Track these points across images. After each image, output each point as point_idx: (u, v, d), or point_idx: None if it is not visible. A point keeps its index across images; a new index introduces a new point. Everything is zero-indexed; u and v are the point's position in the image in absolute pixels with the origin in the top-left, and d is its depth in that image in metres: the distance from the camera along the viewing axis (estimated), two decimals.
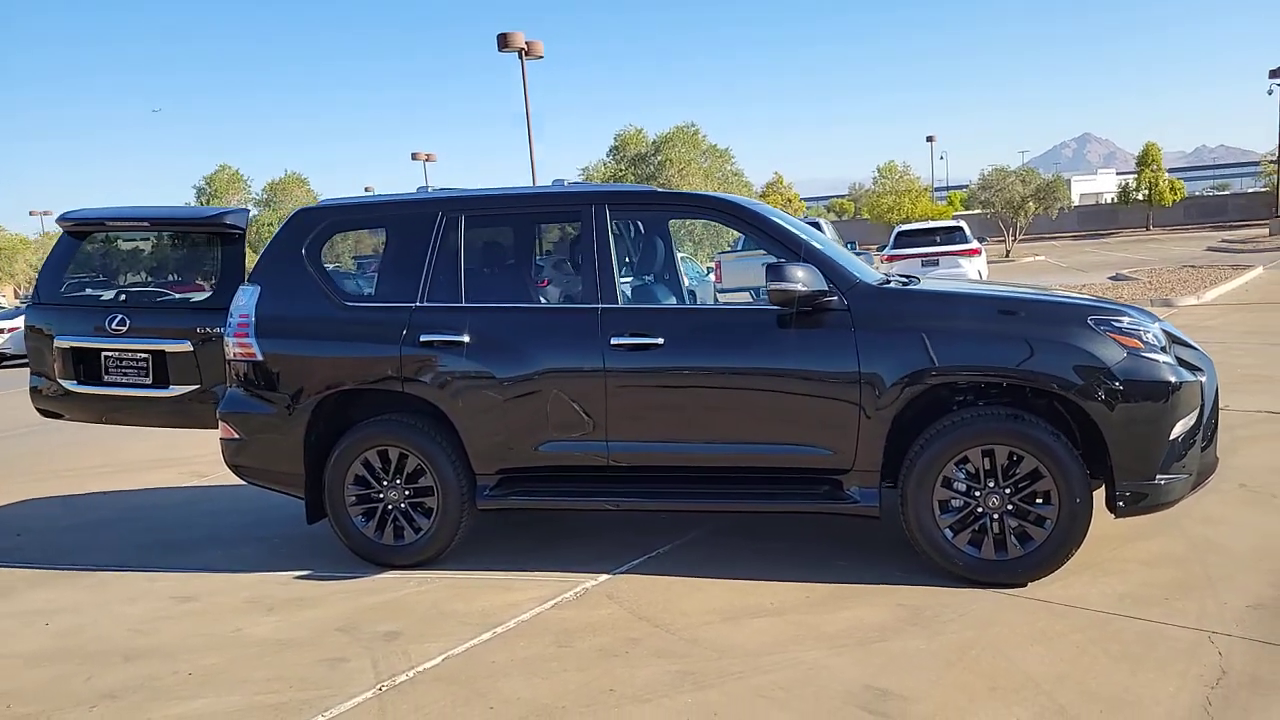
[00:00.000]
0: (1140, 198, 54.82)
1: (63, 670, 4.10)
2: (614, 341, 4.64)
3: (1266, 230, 40.39)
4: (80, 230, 5.79)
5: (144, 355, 5.51)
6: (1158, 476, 4.20)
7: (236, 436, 5.20)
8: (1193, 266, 24.47)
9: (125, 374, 5.55)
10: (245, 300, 5.15)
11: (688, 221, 11.99)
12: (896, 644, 3.84)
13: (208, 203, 42.96)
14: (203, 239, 5.73)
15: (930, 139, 59.34)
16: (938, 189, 66.09)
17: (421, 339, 4.85)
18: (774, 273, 4.32)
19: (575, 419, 4.73)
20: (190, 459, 8.70)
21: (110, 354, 5.56)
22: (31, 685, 3.97)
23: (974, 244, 17.82)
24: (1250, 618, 3.87)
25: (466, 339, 4.81)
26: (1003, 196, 39.82)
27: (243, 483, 7.39)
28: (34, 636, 4.53)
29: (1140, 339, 4.23)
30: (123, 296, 5.60)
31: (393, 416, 5.03)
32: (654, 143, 31.90)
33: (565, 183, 5.49)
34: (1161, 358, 4.23)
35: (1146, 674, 3.47)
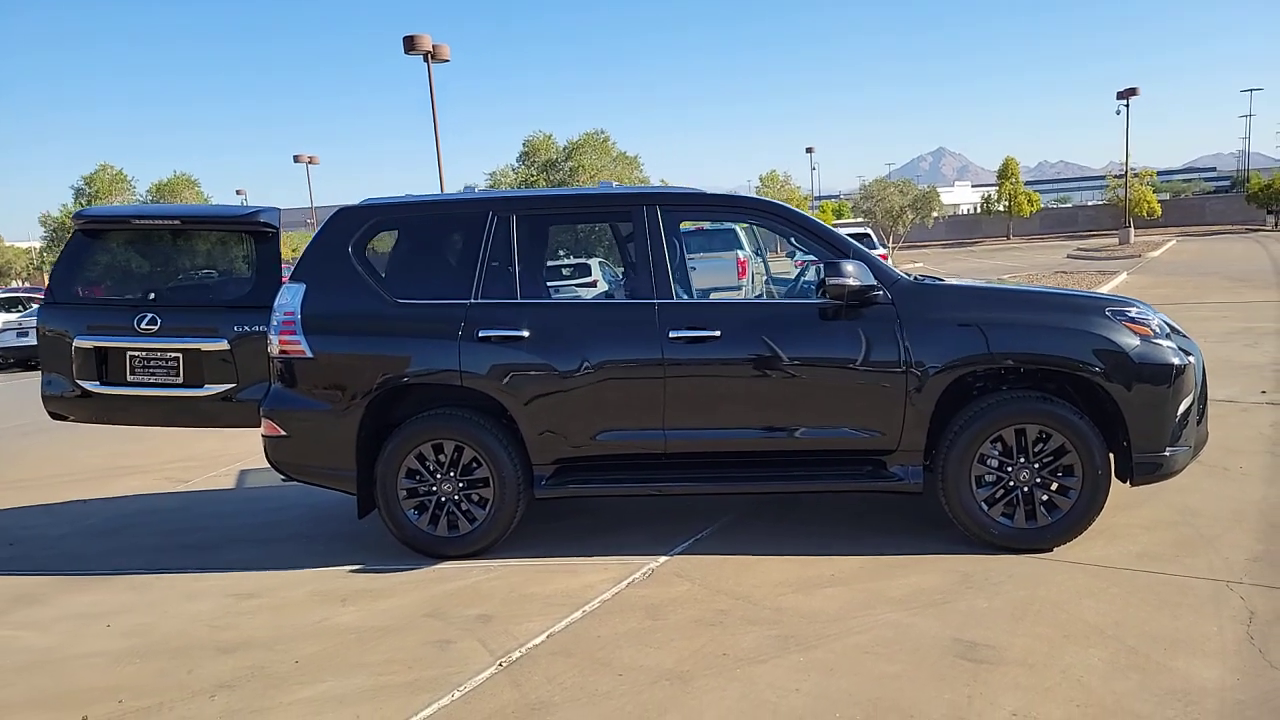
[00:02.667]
0: (1001, 209, 58.18)
1: (157, 665, 4.10)
2: (673, 335, 4.91)
3: (1116, 240, 43.55)
4: (95, 229, 5.67)
5: (174, 354, 5.44)
6: (1167, 449, 4.75)
7: (282, 434, 5.20)
8: (1065, 272, 26.24)
9: (153, 374, 5.47)
10: (290, 298, 5.18)
11: (597, 226, 12.25)
12: (962, 604, 4.25)
13: (89, 204, 40.54)
14: (233, 238, 5.70)
15: (810, 150, 61.69)
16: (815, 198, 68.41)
17: (480, 334, 5.00)
18: (831, 269, 4.69)
19: (634, 409, 4.97)
20: (151, 466, 8.48)
21: (136, 354, 5.47)
22: (132, 680, 3.96)
23: (881, 250, 18.78)
24: (1255, 569, 4.44)
25: (526, 334, 4.99)
26: (883, 206, 41.76)
27: (232, 486, 7.41)
28: (101, 637, 4.47)
29: (1149, 326, 4.78)
30: (152, 295, 5.51)
31: (448, 410, 5.15)
32: (565, 149, 32.14)
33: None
34: (1166, 343, 4.79)
35: (1188, 618, 3.98)
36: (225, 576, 5.23)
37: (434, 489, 5.16)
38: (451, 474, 5.14)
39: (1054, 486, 4.80)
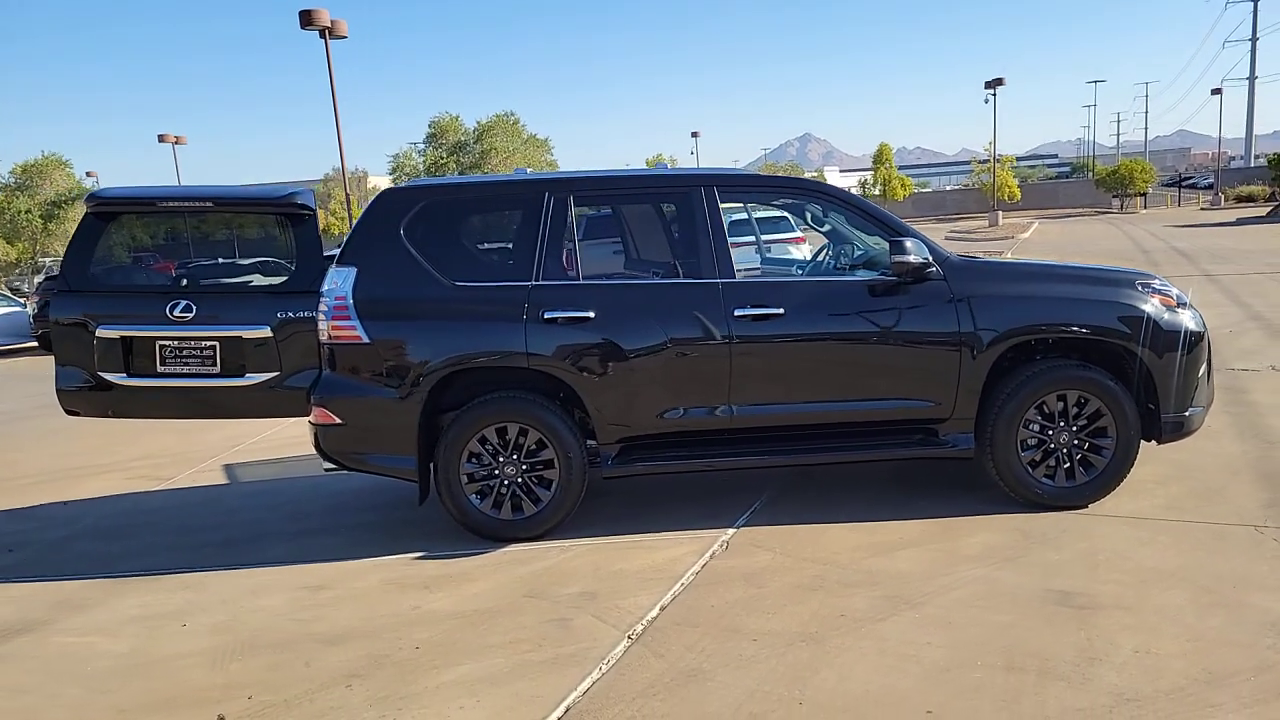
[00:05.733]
0: (876, 192, 60.31)
1: (265, 660, 3.98)
2: (738, 313, 5.04)
3: (986, 222, 45.89)
4: (108, 212, 5.35)
5: (210, 343, 5.22)
6: (1189, 409, 5.18)
7: (337, 422, 5.08)
8: None
9: (187, 364, 5.23)
10: (341, 283, 5.06)
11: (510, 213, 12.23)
12: (1035, 557, 4.55)
13: None
14: (267, 220, 5.49)
15: (695, 134, 62.52)
16: None
17: (545, 316, 5.01)
18: (897, 247, 4.92)
19: (700, 386, 5.08)
20: (111, 465, 8.05)
21: (167, 343, 5.22)
22: (247, 677, 3.84)
23: (799, 233, 19.26)
24: (1274, 514, 4.90)
25: (592, 315, 5.02)
26: None
27: (225, 482, 7.17)
28: (183, 637, 4.30)
29: (1172, 297, 5.20)
30: (184, 281, 5.26)
31: (513, 393, 5.14)
32: (475, 131, 31.53)
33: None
34: (1186, 312, 5.21)
35: (1238, 559, 4.38)
36: (278, 571, 5.08)
37: (496, 472, 5.15)
38: (515, 457, 5.13)
39: (1088, 447, 5.16)
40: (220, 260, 6.10)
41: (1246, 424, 6.69)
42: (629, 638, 3.95)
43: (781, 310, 5.05)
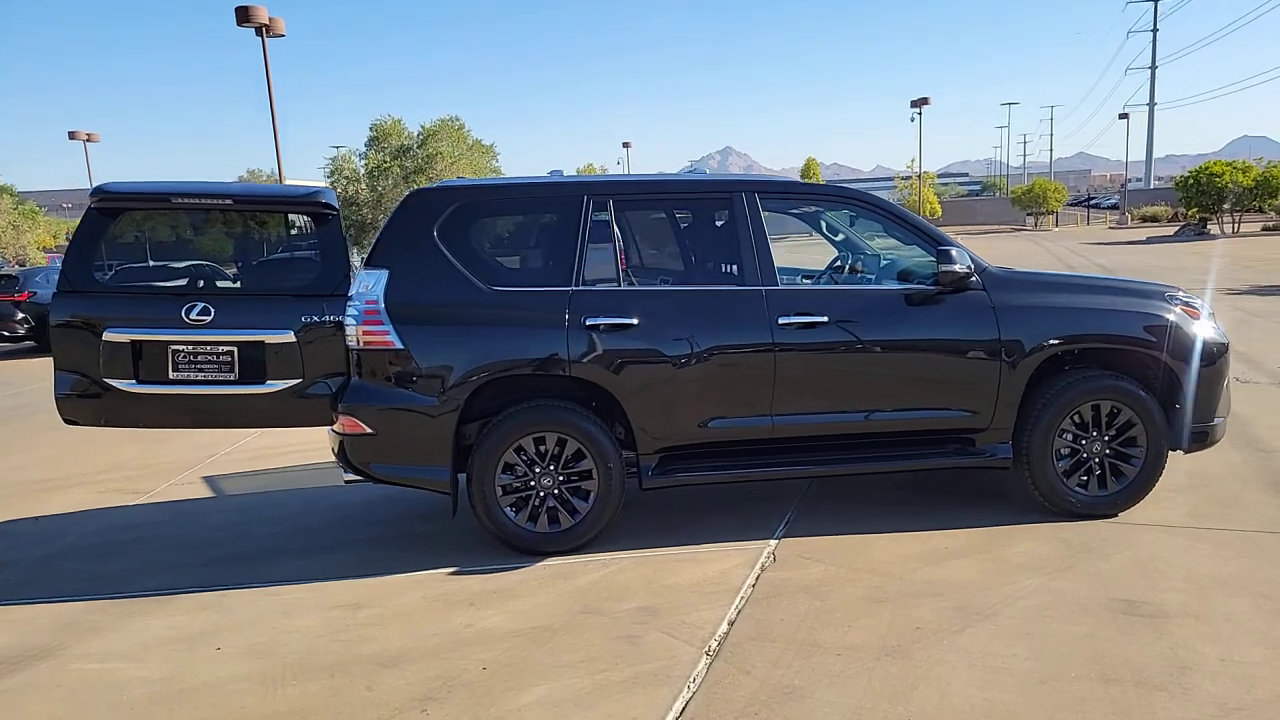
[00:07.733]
0: None
1: (322, 685, 3.74)
2: (782, 321, 4.96)
3: None
4: (114, 208, 5.00)
5: (228, 348, 4.92)
6: (1214, 418, 5.29)
7: (367, 431, 4.84)
8: None
9: (202, 370, 4.92)
10: (372, 285, 4.83)
11: None
12: (1088, 567, 4.57)
13: None
14: (287, 220, 5.21)
15: (627, 145, 62.55)
16: None
17: (587, 322, 4.86)
18: (944, 257, 4.91)
19: (743, 395, 4.99)
20: (78, 478, 7.57)
21: (181, 347, 4.90)
22: (307, 703, 3.59)
23: None
24: None
25: (635, 321, 4.89)
26: None
27: (211, 495, 6.83)
28: (220, 662, 4.01)
29: (1197, 309, 5.31)
30: (201, 283, 4.95)
31: (551, 401, 4.97)
32: (419, 136, 30.87)
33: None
34: (1213, 324, 5.33)
35: None
36: (303, 589, 4.80)
37: (532, 484, 4.97)
38: (552, 467, 4.96)
39: (1117, 457, 5.22)
40: (151, 264, 5.79)
41: (1237, 434, 6.86)
42: (707, 654, 3.82)
43: (825, 318, 5.00)
